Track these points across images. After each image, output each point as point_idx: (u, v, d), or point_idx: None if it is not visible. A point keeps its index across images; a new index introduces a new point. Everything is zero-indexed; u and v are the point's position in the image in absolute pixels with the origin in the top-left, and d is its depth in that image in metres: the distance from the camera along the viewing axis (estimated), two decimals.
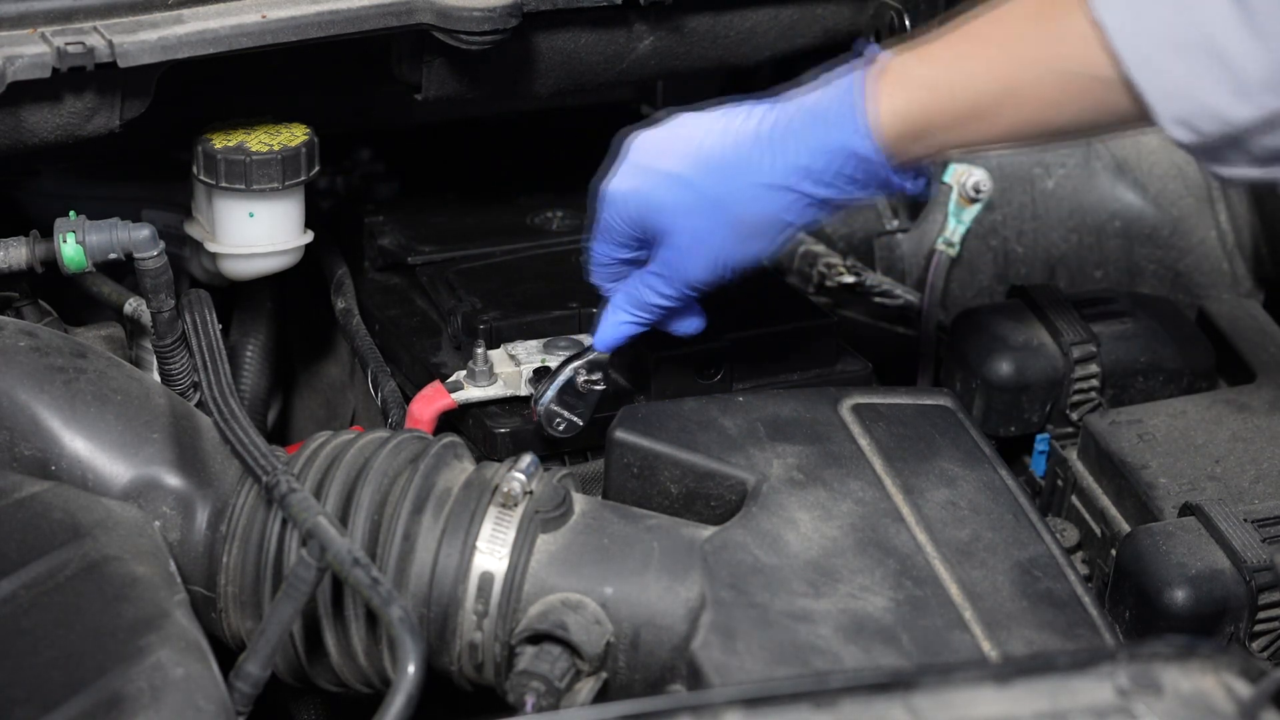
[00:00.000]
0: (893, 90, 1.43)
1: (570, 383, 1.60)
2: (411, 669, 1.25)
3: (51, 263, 1.62)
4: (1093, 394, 1.79)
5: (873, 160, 1.43)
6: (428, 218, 1.95)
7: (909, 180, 1.47)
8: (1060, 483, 1.77)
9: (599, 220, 1.55)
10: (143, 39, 1.54)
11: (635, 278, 1.56)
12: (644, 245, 1.54)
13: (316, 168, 1.74)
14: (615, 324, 1.58)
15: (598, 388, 1.60)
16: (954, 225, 1.99)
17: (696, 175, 1.48)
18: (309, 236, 1.76)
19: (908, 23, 1.85)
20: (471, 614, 1.39)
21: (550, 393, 1.60)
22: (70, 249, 1.60)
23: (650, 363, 1.69)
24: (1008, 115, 1.41)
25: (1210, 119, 1.33)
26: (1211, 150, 1.35)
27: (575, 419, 1.61)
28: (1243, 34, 1.30)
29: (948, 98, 1.42)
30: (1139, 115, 1.36)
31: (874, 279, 1.97)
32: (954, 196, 1.98)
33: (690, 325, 1.59)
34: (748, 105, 1.50)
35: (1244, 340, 1.88)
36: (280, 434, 2.04)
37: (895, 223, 2.01)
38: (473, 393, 1.67)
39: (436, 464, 1.45)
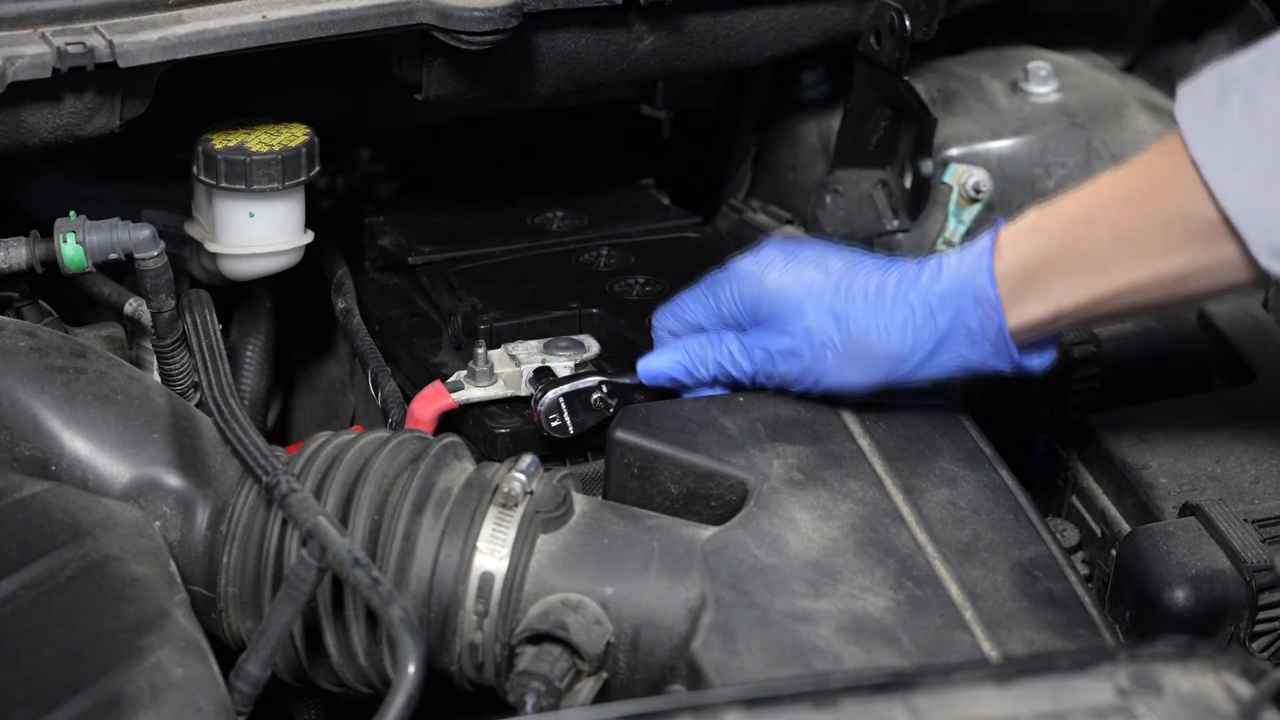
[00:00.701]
0: (1014, 238, 1.46)
1: (586, 392, 1.60)
2: (411, 669, 1.25)
3: (51, 263, 1.62)
4: (1093, 394, 1.79)
5: (991, 300, 1.45)
6: (428, 218, 1.95)
7: (1032, 359, 1.50)
8: (1060, 483, 1.77)
9: (712, 283, 1.55)
10: (143, 39, 1.54)
11: (721, 338, 1.56)
12: (738, 328, 1.55)
13: (316, 168, 1.73)
14: (669, 362, 1.57)
15: (607, 412, 1.60)
16: (954, 225, 1.99)
17: (842, 338, 1.49)
18: (309, 236, 1.76)
19: (908, 23, 1.85)
20: (472, 614, 1.39)
21: (564, 389, 1.60)
22: (70, 249, 1.60)
23: None
24: (1123, 267, 1.43)
25: None
26: None
27: (569, 425, 1.61)
28: None
29: (1063, 244, 1.44)
30: (1243, 260, 1.38)
31: None
32: (954, 196, 1.98)
33: (709, 393, 1.59)
34: (898, 270, 1.51)
35: (1244, 340, 1.88)
36: (280, 434, 2.04)
37: (895, 223, 2.01)
38: (473, 393, 1.67)
39: (437, 464, 1.45)
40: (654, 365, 1.58)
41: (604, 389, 1.61)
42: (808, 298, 1.50)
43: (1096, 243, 1.43)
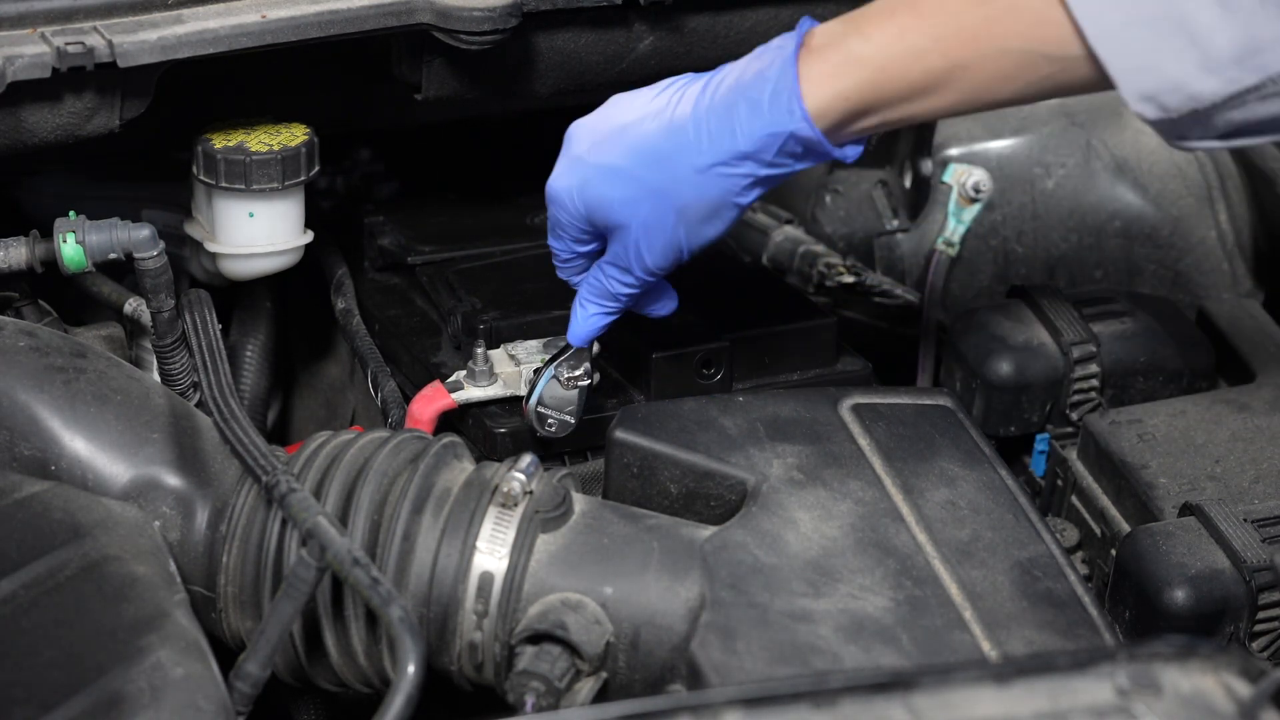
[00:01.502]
0: (833, 71, 1.41)
1: (555, 381, 1.61)
2: (411, 669, 1.25)
3: (51, 263, 1.62)
4: (1093, 394, 1.79)
5: (814, 139, 1.42)
6: (428, 218, 1.95)
7: (849, 151, 1.45)
8: (1060, 483, 1.77)
9: (549, 217, 1.54)
10: (143, 39, 1.54)
11: (596, 269, 1.55)
12: (598, 237, 1.54)
13: (316, 168, 1.73)
14: (586, 317, 1.57)
15: (583, 383, 1.60)
16: (954, 225, 1.99)
17: (636, 166, 1.47)
18: (309, 236, 1.76)
19: None
20: (471, 614, 1.39)
21: (536, 394, 1.61)
22: (70, 249, 1.60)
23: (650, 363, 1.69)
24: (953, 91, 1.40)
25: (1177, 95, 1.32)
26: (1174, 125, 1.35)
27: (566, 418, 1.61)
28: (1212, 7, 1.29)
29: (892, 77, 1.40)
30: (1096, 87, 1.35)
31: (874, 279, 1.97)
32: (954, 196, 1.98)
33: (664, 307, 1.59)
34: (681, 83, 1.48)
35: (1244, 340, 1.88)
36: (280, 434, 2.04)
37: (895, 223, 2.01)
38: (473, 393, 1.67)
39: (436, 464, 1.45)
40: (579, 329, 1.58)
41: (563, 370, 1.60)
42: (618, 189, 1.48)
43: (927, 70, 1.39)
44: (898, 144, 1.98)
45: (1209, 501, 1.61)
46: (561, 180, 1.51)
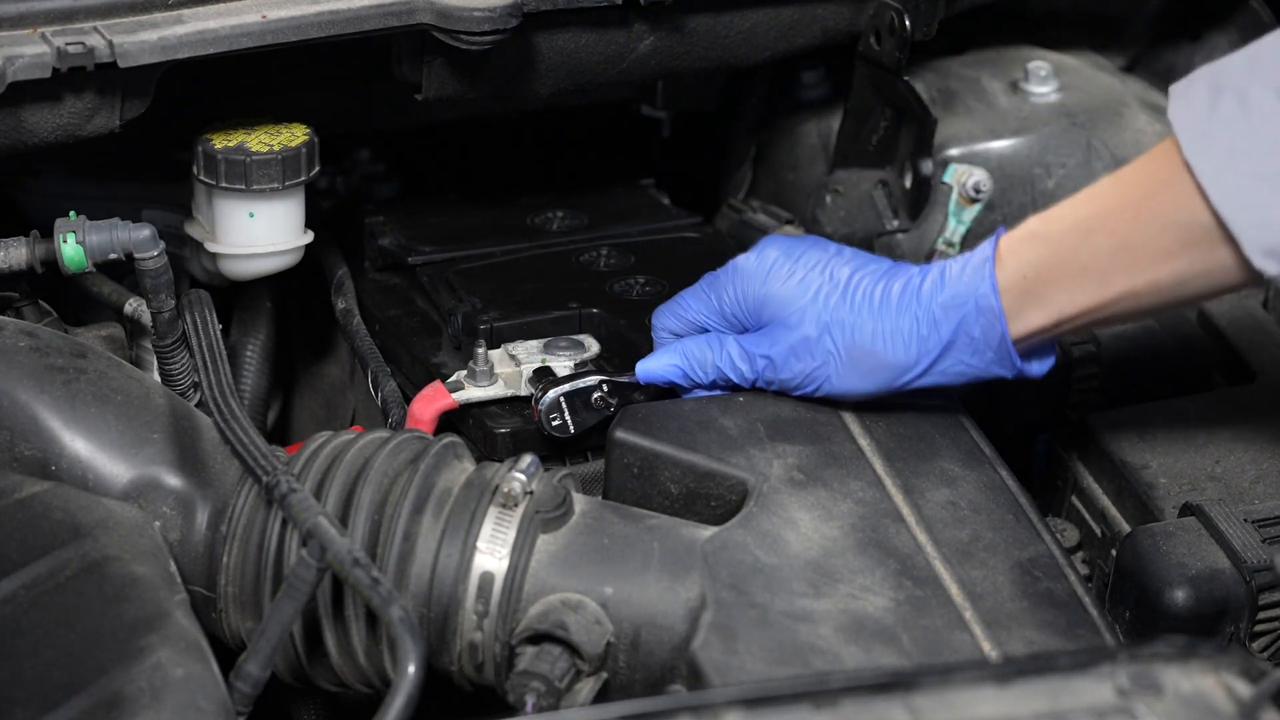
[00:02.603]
0: (1014, 247, 1.47)
1: (587, 391, 1.60)
2: (411, 669, 1.25)
3: (51, 263, 1.62)
4: (1093, 394, 1.79)
5: (992, 310, 1.46)
6: (428, 218, 1.95)
7: (1034, 367, 1.50)
8: (1060, 483, 1.77)
9: (712, 282, 1.56)
10: (143, 39, 1.54)
11: (722, 341, 1.56)
12: (739, 328, 1.55)
13: (316, 168, 1.73)
14: (668, 365, 1.57)
15: (607, 411, 1.60)
16: (954, 225, 1.99)
17: (846, 346, 1.50)
18: (309, 236, 1.76)
19: (908, 23, 1.85)
20: (472, 614, 1.39)
21: (564, 388, 1.60)
22: (70, 249, 1.60)
23: None
24: (1122, 274, 1.43)
25: None
26: None
27: (570, 424, 1.61)
28: None
29: (1062, 252, 1.45)
30: (1238, 262, 1.38)
31: None
32: (954, 196, 1.98)
33: (706, 393, 1.59)
34: (903, 279, 1.51)
35: (1244, 340, 1.88)
36: (280, 434, 2.04)
37: (895, 223, 2.01)
38: (473, 393, 1.67)
39: (437, 464, 1.45)
40: (653, 368, 1.58)
41: (604, 388, 1.61)
42: (812, 305, 1.51)
43: (1095, 251, 1.43)
44: (898, 144, 1.98)
45: (1209, 501, 1.61)
46: (757, 265, 1.53)
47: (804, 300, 1.51)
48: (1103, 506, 1.71)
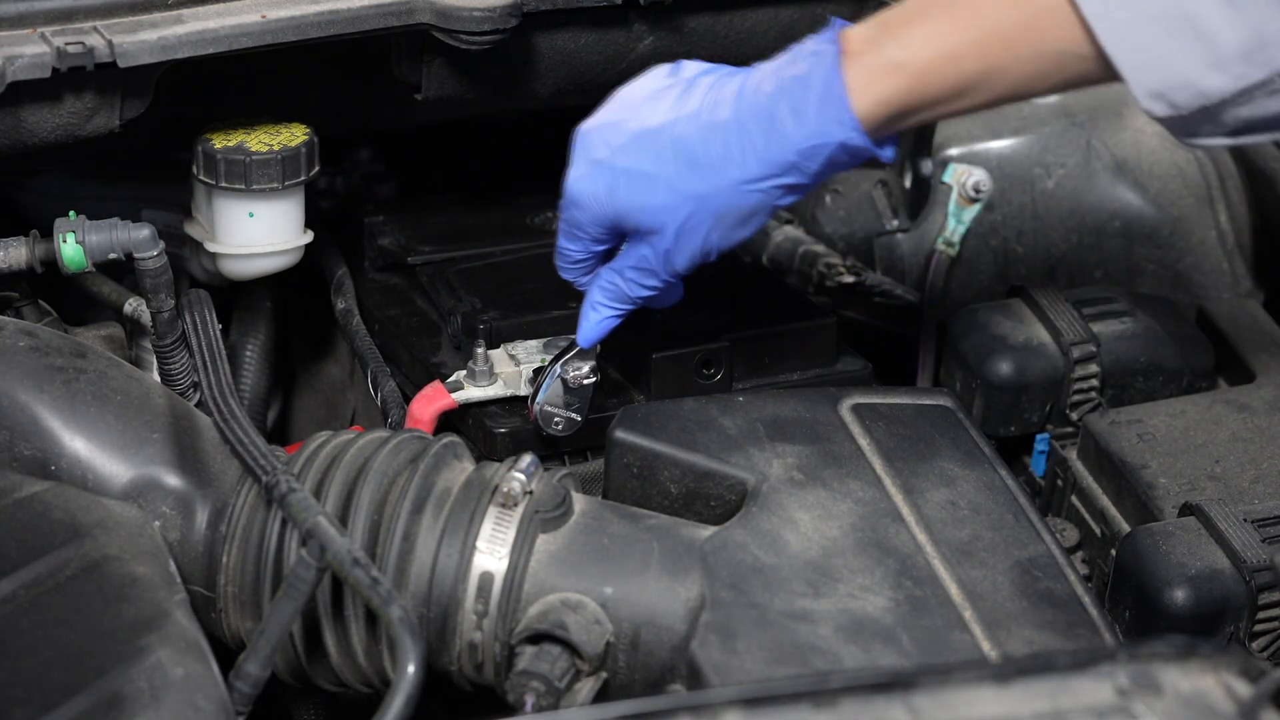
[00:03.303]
0: (873, 78, 1.41)
1: (561, 380, 1.61)
2: (411, 669, 1.25)
3: (51, 263, 1.62)
4: (1093, 394, 1.79)
5: (862, 146, 1.42)
6: (428, 218, 1.94)
7: (887, 151, 1.45)
8: (1060, 483, 1.77)
9: (566, 219, 1.53)
10: (143, 39, 1.54)
11: (611, 271, 1.54)
12: (616, 239, 1.53)
13: (316, 168, 1.73)
14: (598, 320, 1.57)
15: (589, 381, 1.60)
16: (954, 225, 1.99)
17: (673, 173, 1.45)
18: (309, 236, 1.76)
19: None
20: (471, 614, 1.39)
21: (542, 394, 1.61)
22: (70, 249, 1.60)
23: (650, 363, 1.69)
24: (987, 91, 1.41)
25: (1186, 92, 1.32)
26: (1184, 122, 1.35)
27: (573, 415, 1.61)
28: (1218, 4, 1.29)
29: (930, 82, 1.41)
30: (1108, 76, 1.36)
31: (874, 279, 1.97)
32: (954, 196, 1.98)
33: (673, 298, 1.58)
34: (706, 80, 1.47)
35: (1244, 340, 1.88)
36: (280, 434, 2.04)
37: (895, 223, 2.01)
38: (473, 393, 1.67)
39: (436, 464, 1.45)
40: (589, 332, 1.58)
41: (570, 368, 1.60)
42: (653, 196, 1.46)
43: (960, 76, 1.40)
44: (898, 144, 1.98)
45: (1209, 501, 1.61)
46: (584, 183, 1.49)
47: (646, 203, 1.47)
48: (1103, 506, 1.71)
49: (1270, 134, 1.36)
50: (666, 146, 1.46)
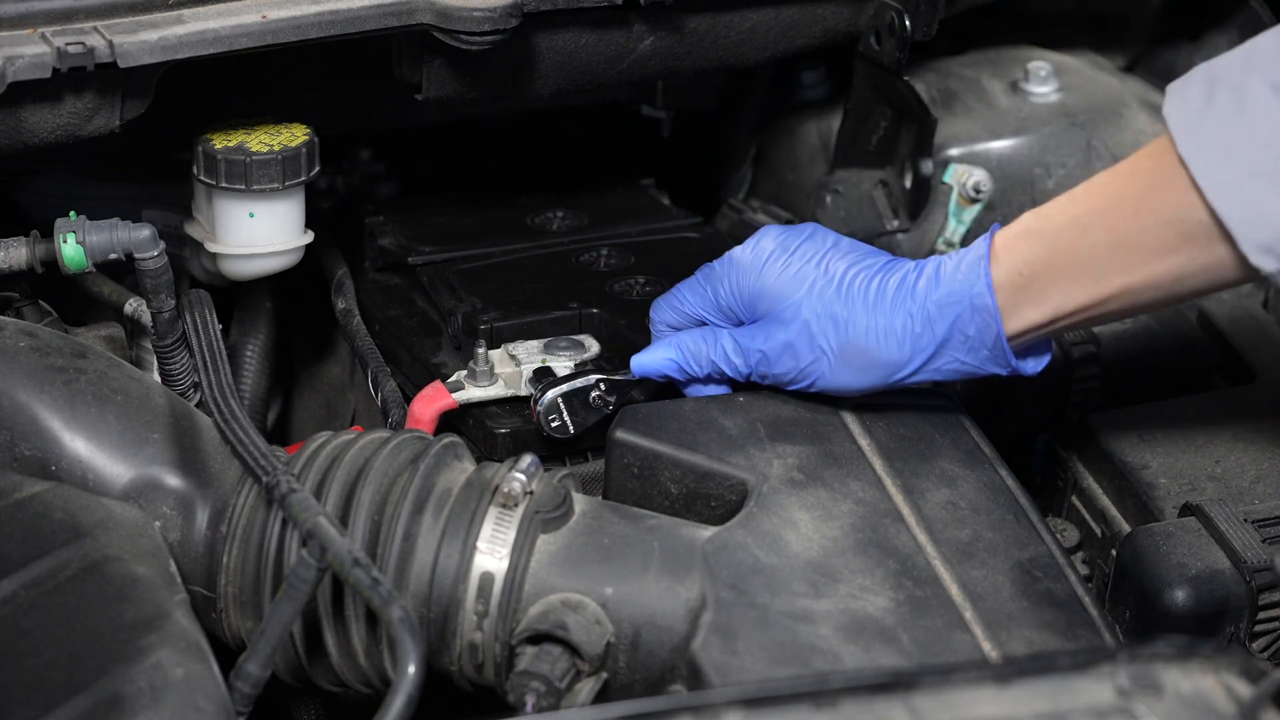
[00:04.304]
0: (1010, 243, 1.46)
1: (585, 391, 1.60)
2: (411, 669, 1.25)
3: (51, 263, 1.62)
4: (1093, 394, 1.79)
5: (991, 323, 1.46)
6: (428, 218, 1.95)
7: (1029, 364, 1.50)
8: (1060, 483, 1.77)
9: (708, 274, 1.55)
10: (143, 39, 1.54)
11: (716, 335, 1.55)
12: (736, 320, 1.55)
13: (316, 168, 1.73)
14: (663, 359, 1.57)
15: (607, 410, 1.60)
16: (954, 225, 1.99)
17: (840, 342, 1.50)
18: (309, 236, 1.76)
19: (908, 23, 1.85)
20: (472, 614, 1.39)
21: (562, 389, 1.60)
22: (70, 249, 1.60)
23: None
24: (1119, 270, 1.43)
25: None
26: None
27: (569, 424, 1.61)
28: None
29: (1058, 249, 1.44)
30: (1235, 258, 1.38)
31: None
32: (954, 196, 1.98)
33: (708, 391, 1.59)
34: (898, 275, 1.51)
35: (1244, 340, 1.88)
36: (280, 434, 2.04)
37: (895, 223, 2.01)
38: (473, 393, 1.67)
39: (437, 464, 1.45)
40: (648, 362, 1.58)
41: (602, 386, 1.61)
42: (806, 299, 1.50)
43: (1092, 247, 1.43)
44: (898, 144, 1.98)
45: (1209, 501, 1.61)
46: (752, 257, 1.53)
47: (798, 295, 1.51)
48: (1103, 506, 1.71)
49: None
50: (856, 357, 1.51)
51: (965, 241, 2.00)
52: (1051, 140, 2.00)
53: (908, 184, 1.99)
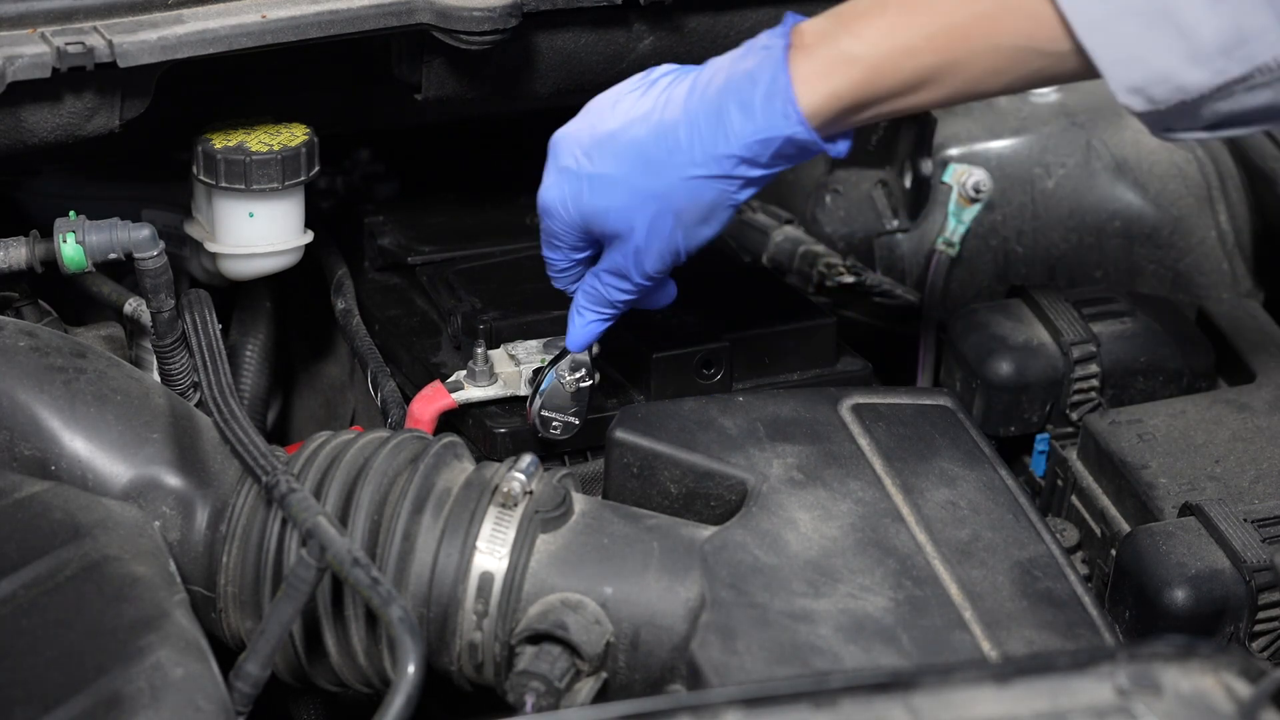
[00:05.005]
0: (825, 70, 1.40)
1: (556, 386, 1.61)
2: (411, 669, 1.25)
3: (51, 263, 1.62)
4: (1093, 394, 1.79)
5: (809, 141, 1.41)
6: (428, 218, 1.95)
7: (840, 146, 1.45)
8: (1060, 483, 1.77)
9: (543, 229, 1.54)
10: (143, 39, 1.54)
11: (592, 277, 1.54)
12: (594, 244, 1.53)
13: (316, 168, 1.74)
14: (584, 324, 1.57)
15: (584, 385, 1.60)
16: (954, 225, 1.99)
17: (629, 173, 1.45)
18: (309, 236, 1.76)
19: None
20: (471, 614, 1.39)
21: (538, 399, 1.61)
22: (70, 249, 1.60)
23: (650, 363, 1.69)
24: (945, 86, 1.39)
25: (1164, 87, 1.32)
26: (1161, 117, 1.34)
27: (571, 419, 1.61)
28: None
29: (885, 75, 1.39)
30: (1084, 77, 1.35)
31: (874, 279, 1.97)
32: (954, 196, 1.98)
33: (664, 299, 1.58)
34: (665, 81, 1.47)
35: (1244, 340, 1.88)
36: (280, 434, 2.04)
37: (895, 223, 2.01)
38: (473, 393, 1.67)
39: (436, 464, 1.45)
40: (577, 337, 1.58)
41: (565, 373, 1.60)
42: (612, 199, 1.47)
43: (921, 69, 1.38)
44: (898, 144, 1.98)
45: (1209, 501, 1.61)
46: (553, 192, 1.50)
47: (606, 206, 1.47)
48: (1103, 506, 1.71)
49: (1247, 128, 1.35)
50: (624, 148, 1.46)
51: (966, 242, 2.00)
52: (1051, 140, 2.00)
53: (907, 184, 1.99)
